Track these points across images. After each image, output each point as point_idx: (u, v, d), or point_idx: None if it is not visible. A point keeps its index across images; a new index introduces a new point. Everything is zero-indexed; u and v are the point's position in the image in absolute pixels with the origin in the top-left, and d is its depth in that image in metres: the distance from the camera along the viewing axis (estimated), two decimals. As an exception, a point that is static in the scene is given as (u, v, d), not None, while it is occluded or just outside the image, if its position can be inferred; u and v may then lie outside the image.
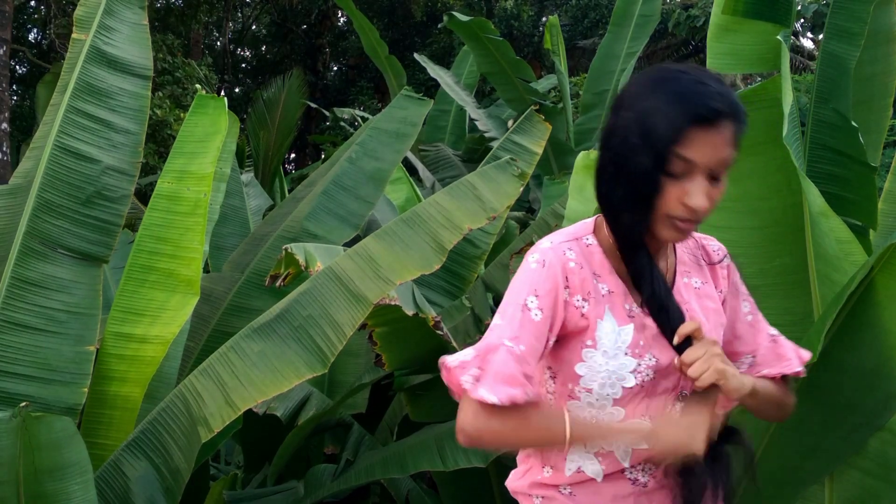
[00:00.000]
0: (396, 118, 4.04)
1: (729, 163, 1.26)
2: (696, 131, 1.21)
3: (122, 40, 3.07)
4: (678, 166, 1.23)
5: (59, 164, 2.79)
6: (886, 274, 1.79)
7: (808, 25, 12.15)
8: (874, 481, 2.05)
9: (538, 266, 1.35)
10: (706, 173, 1.24)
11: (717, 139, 1.23)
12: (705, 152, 1.22)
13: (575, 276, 1.34)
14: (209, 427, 2.37)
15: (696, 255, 1.47)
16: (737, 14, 2.19)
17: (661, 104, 1.23)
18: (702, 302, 1.42)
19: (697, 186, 1.23)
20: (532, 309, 1.32)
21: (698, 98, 1.22)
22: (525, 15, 16.65)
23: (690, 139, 1.21)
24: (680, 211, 1.25)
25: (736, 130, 1.25)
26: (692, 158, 1.22)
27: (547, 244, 1.38)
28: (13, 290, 2.61)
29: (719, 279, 1.46)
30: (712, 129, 1.22)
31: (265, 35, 21.84)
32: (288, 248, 2.77)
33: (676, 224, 1.27)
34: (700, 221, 1.28)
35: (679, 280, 1.42)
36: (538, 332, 1.32)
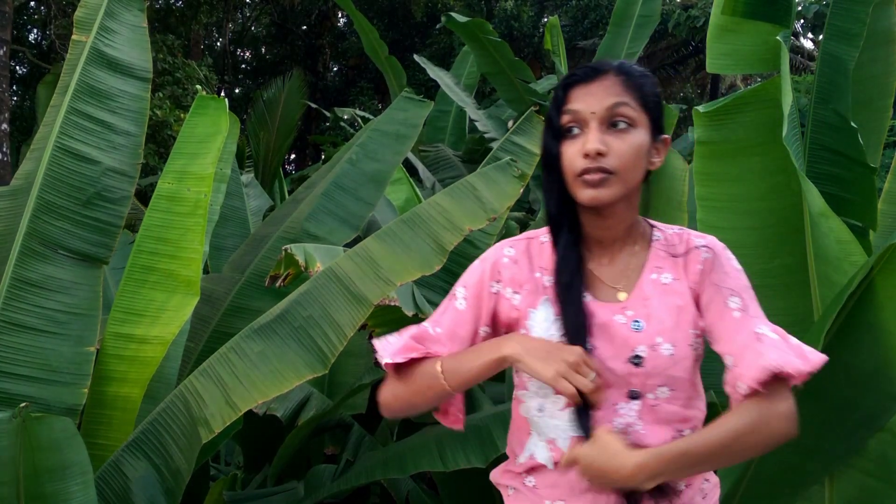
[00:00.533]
0: (397, 120, 4.04)
1: (617, 106, 1.33)
2: (575, 88, 1.35)
3: (122, 42, 3.07)
4: (567, 119, 1.34)
5: (59, 166, 2.79)
6: (886, 274, 1.79)
7: (808, 26, 12.16)
8: (874, 482, 2.05)
9: (477, 262, 1.48)
10: (599, 123, 1.33)
11: (596, 88, 1.33)
12: (587, 101, 1.33)
13: (507, 269, 1.43)
14: (209, 428, 2.38)
15: (676, 251, 1.42)
16: (736, 15, 2.19)
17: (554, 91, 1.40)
18: (666, 298, 1.37)
19: (591, 134, 1.32)
20: (458, 298, 1.45)
21: (574, 69, 1.39)
22: (525, 15, 16.65)
23: (573, 96, 1.34)
24: (581, 163, 1.32)
25: (622, 81, 1.34)
26: (576, 108, 1.34)
27: (497, 243, 1.49)
28: (14, 291, 2.61)
29: (690, 274, 1.39)
30: (592, 82, 1.34)
31: (265, 36, 21.85)
32: (287, 249, 2.77)
33: (586, 179, 1.32)
34: (610, 171, 1.31)
35: (646, 276, 1.40)
36: (460, 319, 1.43)
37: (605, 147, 1.30)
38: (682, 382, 1.36)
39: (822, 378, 1.97)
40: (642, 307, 1.37)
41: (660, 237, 1.44)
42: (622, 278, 1.40)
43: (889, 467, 2.02)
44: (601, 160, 1.30)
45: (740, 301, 1.37)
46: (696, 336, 1.38)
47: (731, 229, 2.19)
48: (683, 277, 1.40)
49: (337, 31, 20.25)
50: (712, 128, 2.12)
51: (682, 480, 1.37)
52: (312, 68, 19.23)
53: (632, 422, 1.35)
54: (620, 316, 1.37)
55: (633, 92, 1.34)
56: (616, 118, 1.32)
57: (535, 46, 16.32)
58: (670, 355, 1.34)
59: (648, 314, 1.36)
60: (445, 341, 1.42)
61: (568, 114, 1.34)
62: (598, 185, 1.31)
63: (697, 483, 1.40)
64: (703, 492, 1.41)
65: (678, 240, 1.43)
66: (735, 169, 2.15)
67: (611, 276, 1.41)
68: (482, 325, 1.43)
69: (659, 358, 1.34)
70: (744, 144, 2.12)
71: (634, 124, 1.33)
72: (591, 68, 1.35)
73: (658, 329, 1.35)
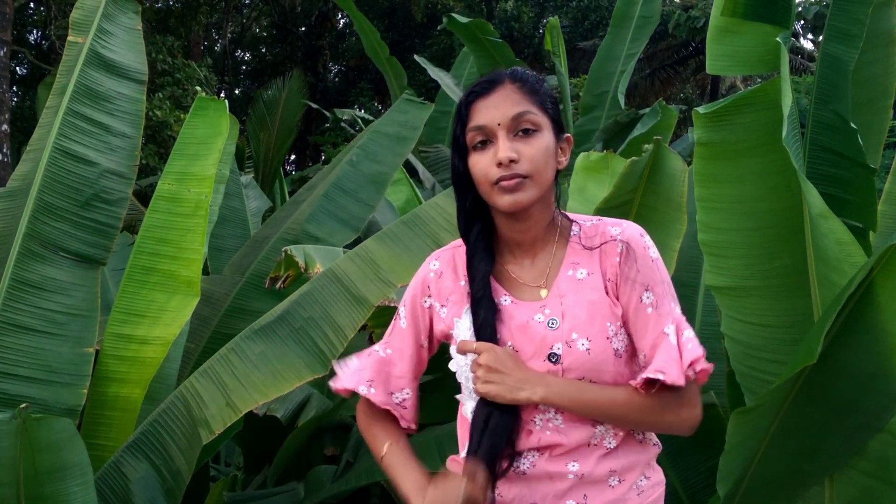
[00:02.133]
0: (397, 122, 4.05)
1: (521, 115, 1.37)
2: (475, 104, 1.39)
3: (118, 44, 3.08)
4: (476, 136, 1.38)
5: (57, 167, 2.79)
6: (886, 275, 1.79)
7: (808, 27, 12.17)
8: (874, 483, 2.05)
9: (412, 279, 1.55)
10: (507, 132, 1.37)
11: (495, 99, 1.38)
12: (491, 113, 1.37)
13: (434, 284, 1.50)
14: (210, 428, 2.38)
15: (592, 244, 1.44)
16: (736, 16, 2.19)
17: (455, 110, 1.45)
18: (581, 294, 1.40)
19: (501, 143, 1.36)
20: (401, 318, 1.53)
21: (472, 85, 1.43)
22: (525, 16, 16.66)
23: (474, 111, 1.39)
24: (496, 171, 1.36)
25: (519, 88, 1.39)
26: (481, 123, 1.38)
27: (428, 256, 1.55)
28: (13, 292, 2.61)
29: (606, 267, 1.41)
30: (489, 95, 1.39)
31: (265, 36, 21.86)
32: (287, 250, 2.77)
33: (503, 186, 1.36)
34: (524, 175, 1.35)
35: (563, 273, 1.42)
36: (404, 337, 1.52)
37: (516, 154, 1.35)
38: (605, 375, 1.38)
39: (822, 379, 1.98)
40: (558, 304, 1.40)
41: (577, 231, 1.47)
42: (542, 277, 1.44)
43: (889, 468, 2.02)
44: (514, 167, 1.35)
45: (653, 296, 1.39)
46: (619, 328, 1.40)
47: (731, 230, 2.19)
48: (598, 271, 1.42)
49: (337, 32, 20.26)
50: (712, 129, 2.12)
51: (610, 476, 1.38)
52: (312, 69, 19.24)
53: (550, 417, 1.38)
54: (539, 315, 1.40)
55: (531, 97, 1.39)
56: (521, 125, 1.37)
57: (535, 47, 16.34)
58: (586, 350, 1.37)
59: (564, 311, 1.39)
60: (397, 361, 1.52)
61: (474, 130, 1.38)
62: (515, 189, 1.36)
63: (632, 478, 1.40)
64: (639, 488, 1.41)
65: (594, 232, 1.45)
66: (735, 170, 2.15)
67: (532, 277, 1.44)
68: (422, 339, 1.52)
69: (575, 353, 1.37)
70: (744, 145, 2.12)
71: (539, 128, 1.38)
72: (488, 81, 1.40)
73: (572, 325, 1.38)
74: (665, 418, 1.36)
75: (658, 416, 1.36)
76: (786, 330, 2.18)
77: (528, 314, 1.40)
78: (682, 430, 1.39)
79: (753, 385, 2.25)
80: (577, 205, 2.84)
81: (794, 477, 2.19)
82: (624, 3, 7.77)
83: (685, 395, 1.35)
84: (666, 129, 5.88)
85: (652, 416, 1.36)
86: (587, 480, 1.37)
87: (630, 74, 7.85)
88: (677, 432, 1.40)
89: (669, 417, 1.36)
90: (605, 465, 1.38)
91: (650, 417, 1.36)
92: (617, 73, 7.64)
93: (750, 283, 2.20)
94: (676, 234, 2.49)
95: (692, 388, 1.37)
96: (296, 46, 19.97)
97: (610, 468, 1.39)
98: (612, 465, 1.39)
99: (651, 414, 1.36)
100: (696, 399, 1.38)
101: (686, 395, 1.36)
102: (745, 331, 2.24)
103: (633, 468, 1.41)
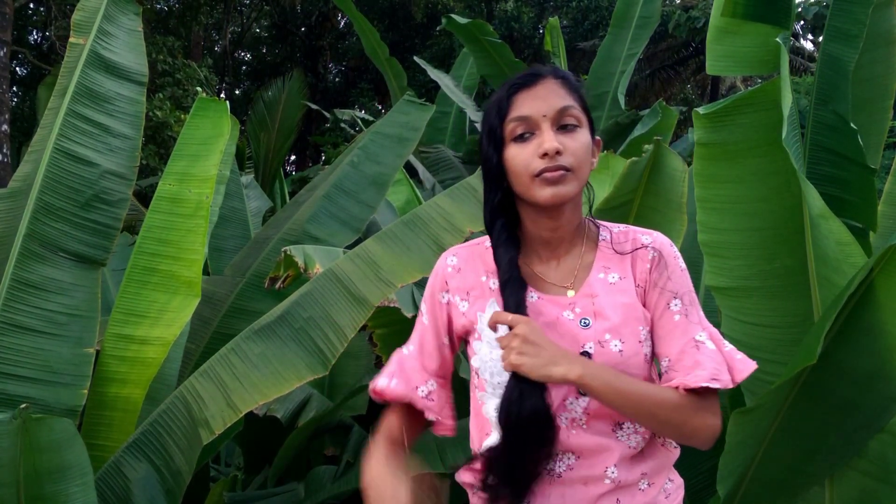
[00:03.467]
0: (398, 123, 4.05)
1: (567, 108, 1.36)
2: (518, 95, 1.37)
3: (119, 46, 3.08)
4: (518, 127, 1.36)
5: (58, 168, 2.79)
6: (886, 276, 1.79)
7: (808, 27, 12.17)
8: (874, 483, 2.05)
9: (430, 276, 1.53)
10: (550, 124, 1.35)
11: (541, 91, 1.37)
12: (533, 104, 1.36)
13: (452, 279, 1.48)
14: (210, 429, 2.38)
15: (623, 249, 1.44)
16: (736, 16, 2.20)
17: (492, 102, 1.42)
18: (613, 297, 1.39)
19: (546, 134, 1.35)
20: (423, 314, 1.52)
21: (513, 78, 1.41)
22: (525, 17, 16.67)
23: (517, 102, 1.37)
24: (539, 163, 1.34)
25: (562, 84, 1.39)
26: (525, 114, 1.36)
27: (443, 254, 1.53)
28: (13, 293, 2.61)
29: (637, 272, 1.41)
30: (533, 86, 1.37)
31: (265, 37, 21.86)
32: (287, 251, 2.77)
33: (546, 178, 1.34)
34: (568, 168, 1.34)
35: (594, 276, 1.42)
36: (426, 333, 1.50)
37: (561, 146, 1.34)
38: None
39: (822, 379, 1.98)
40: (590, 304, 1.39)
41: (606, 237, 1.46)
42: (570, 278, 1.43)
43: (889, 468, 2.02)
44: (559, 158, 1.34)
45: (681, 304, 1.39)
46: (648, 333, 1.39)
47: (731, 231, 2.19)
48: (630, 276, 1.41)
49: (337, 33, 20.27)
50: (712, 129, 2.12)
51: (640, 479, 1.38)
52: (313, 69, 19.25)
53: (576, 417, 1.37)
54: (569, 312, 1.39)
55: (574, 94, 1.39)
56: (565, 119, 1.36)
57: (535, 48, 16.34)
58: (619, 352, 1.36)
59: (596, 311, 1.38)
60: (419, 355, 1.50)
61: (516, 121, 1.37)
62: (558, 182, 1.34)
63: (660, 482, 1.41)
64: (667, 492, 1.42)
65: (624, 238, 1.45)
66: (735, 171, 2.15)
67: (559, 277, 1.43)
68: (443, 337, 1.49)
69: (608, 354, 1.35)
70: (744, 146, 2.12)
71: (581, 124, 1.38)
72: (532, 74, 1.39)
73: (606, 326, 1.37)
74: (694, 422, 1.32)
75: (688, 418, 1.32)
76: (786, 330, 2.18)
77: (557, 311, 1.39)
78: (705, 437, 1.35)
79: (753, 385, 2.25)
80: (577, 205, 2.84)
81: (794, 477, 2.18)
82: (624, 4, 7.77)
83: (714, 404, 1.34)
84: (666, 130, 5.88)
85: (683, 416, 1.31)
86: (622, 486, 1.36)
87: (630, 75, 7.85)
88: (698, 441, 1.35)
89: (697, 422, 1.32)
90: (638, 469, 1.38)
91: (680, 418, 1.32)
92: (617, 74, 7.64)
93: (750, 283, 2.20)
94: (676, 234, 2.49)
95: (716, 399, 1.35)
96: (296, 47, 19.98)
97: (641, 472, 1.38)
98: (643, 469, 1.38)
99: (683, 414, 1.31)
100: (718, 409, 1.36)
101: (714, 404, 1.34)
102: (745, 331, 2.24)
103: (660, 471, 1.41)
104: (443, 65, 14.57)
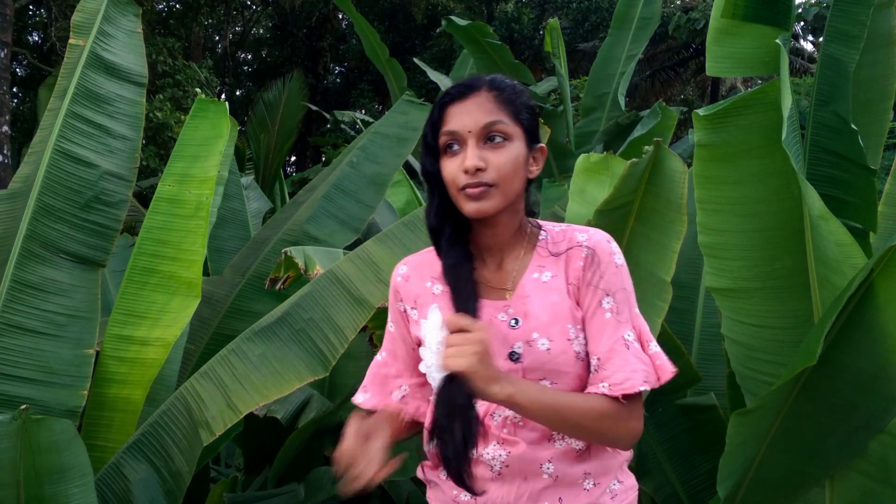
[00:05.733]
0: (398, 123, 4.05)
1: (493, 124, 1.37)
2: (450, 108, 1.40)
3: (118, 47, 3.08)
4: (447, 140, 1.40)
5: (58, 169, 2.79)
6: (886, 277, 1.79)
7: (808, 28, 12.18)
8: (875, 484, 2.05)
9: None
10: (476, 140, 1.38)
11: (469, 106, 1.38)
12: (461, 119, 1.38)
13: (403, 288, 1.53)
14: (210, 430, 2.38)
15: (558, 249, 1.46)
16: (736, 17, 2.20)
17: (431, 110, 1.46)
18: (543, 296, 1.41)
19: (469, 150, 1.37)
20: (390, 322, 1.58)
21: (448, 88, 1.44)
22: (525, 18, 16.68)
23: (448, 115, 1.40)
24: (463, 178, 1.37)
25: (495, 97, 1.39)
26: (452, 128, 1.39)
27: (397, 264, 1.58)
28: (13, 294, 2.61)
29: (570, 270, 1.43)
30: (464, 100, 1.39)
31: (266, 38, 21.87)
32: (287, 252, 2.77)
33: (468, 193, 1.37)
34: (489, 184, 1.36)
35: (528, 276, 1.44)
36: (394, 339, 1.57)
37: (483, 163, 1.36)
38: (565, 376, 1.39)
39: (822, 380, 1.98)
40: (521, 305, 1.42)
41: (545, 236, 1.49)
42: (509, 280, 1.46)
43: (889, 470, 2.02)
44: (480, 175, 1.36)
45: (613, 302, 1.40)
46: (580, 331, 1.41)
47: (732, 232, 2.19)
48: (562, 274, 1.44)
49: (337, 34, 20.28)
50: (712, 131, 2.12)
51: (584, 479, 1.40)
52: (313, 70, 19.26)
53: (510, 414, 1.40)
54: (503, 314, 1.42)
55: (506, 107, 1.39)
56: (491, 134, 1.37)
57: (535, 49, 16.36)
58: (546, 350, 1.38)
59: (526, 311, 1.41)
60: (391, 362, 1.57)
61: (446, 135, 1.39)
62: (480, 197, 1.37)
63: (606, 482, 1.43)
64: (613, 492, 1.43)
65: (562, 237, 1.47)
66: (735, 172, 2.15)
67: (499, 280, 1.46)
68: (411, 343, 1.53)
69: (535, 353, 1.38)
70: (744, 147, 2.12)
71: (510, 138, 1.38)
72: (465, 85, 1.41)
73: (534, 325, 1.39)
74: (617, 429, 1.35)
75: (613, 425, 1.35)
76: (786, 331, 2.18)
77: (492, 313, 1.42)
78: (627, 441, 1.39)
79: (754, 386, 2.25)
80: (577, 206, 2.84)
81: (794, 478, 2.18)
82: (624, 5, 7.78)
83: (638, 408, 1.37)
84: (666, 131, 5.88)
85: (608, 424, 1.34)
86: (562, 482, 1.39)
87: (630, 76, 7.85)
88: (620, 445, 1.41)
89: (621, 429, 1.36)
90: (580, 467, 1.41)
91: (606, 425, 1.34)
92: (617, 75, 7.65)
93: (750, 284, 2.20)
94: (676, 235, 2.49)
95: (640, 403, 1.39)
96: (296, 48, 19.99)
97: (584, 470, 1.41)
98: (586, 468, 1.41)
99: (608, 422, 1.34)
100: (641, 414, 1.39)
101: (638, 409, 1.37)
102: (745, 332, 2.24)
103: (606, 472, 1.43)
104: (443, 66, 14.57)
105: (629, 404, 1.35)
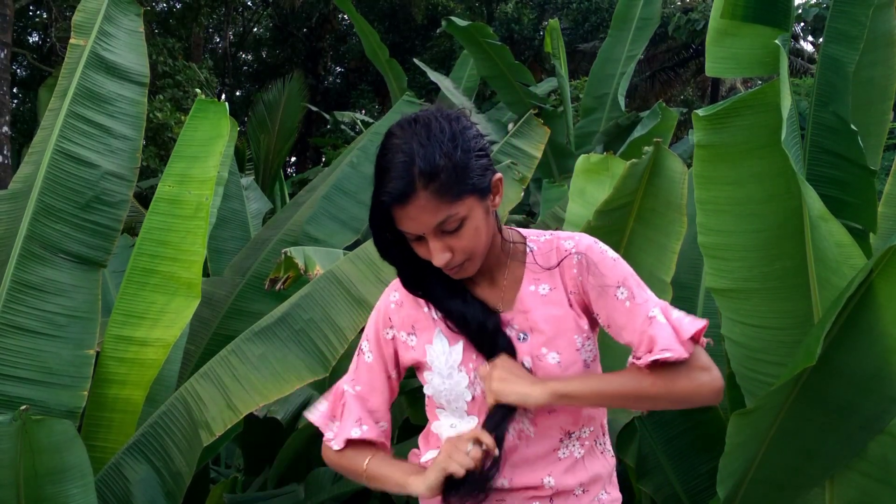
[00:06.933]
0: (397, 122, 4.04)
1: (443, 222, 1.30)
2: (395, 211, 1.30)
3: (119, 47, 3.08)
4: (404, 232, 1.33)
5: (59, 169, 2.79)
6: (885, 277, 1.79)
7: (808, 29, 12.18)
8: (875, 484, 2.05)
9: (372, 313, 1.55)
10: (434, 236, 1.32)
11: (413, 212, 1.28)
12: (411, 225, 1.31)
13: (396, 314, 1.50)
14: (210, 431, 2.38)
15: (550, 263, 1.45)
16: (736, 18, 2.19)
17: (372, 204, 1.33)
18: (545, 310, 1.42)
19: (433, 247, 1.33)
20: (365, 352, 1.53)
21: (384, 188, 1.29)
22: (526, 18, 16.69)
23: (397, 216, 1.30)
24: (439, 262, 1.34)
25: (432, 194, 1.27)
26: (408, 230, 1.32)
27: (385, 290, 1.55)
28: (13, 294, 2.61)
29: (567, 281, 1.43)
30: (405, 206, 1.28)
31: (266, 38, 21.88)
32: (287, 252, 2.77)
33: (447, 272, 1.38)
34: (463, 261, 1.35)
35: (525, 290, 1.44)
36: (372, 371, 1.51)
37: (449, 253, 1.33)
38: None
39: (822, 381, 1.98)
40: (524, 320, 1.42)
41: (533, 248, 1.47)
42: (505, 295, 1.45)
43: (889, 470, 2.02)
44: (452, 262, 1.34)
45: (626, 290, 1.40)
46: (586, 339, 1.43)
47: (731, 232, 2.19)
48: (560, 286, 1.43)
49: (338, 34, 20.29)
50: (712, 131, 2.12)
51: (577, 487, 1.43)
52: (313, 71, 19.27)
53: (523, 428, 1.42)
54: (508, 329, 1.42)
55: (448, 197, 1.28)
56: (446, 227, 1.31)
57: (535, 49, 16.37)
58: (557, 363, 1.39)
59: (530, 326, 1.41)
60: (369, 396, 1.51)
61: (404, 230, 1.33)
62: (459, 272, 1.38)
63: (595, 492, 1.46)
64: (600, 501, 1.46)
65: (549, 247, 1.46)
66: (735, 172, 2.15)
67: (492, 297, 1.46)
68: (391, 371, 1.52)
69: (546, 367, 1.39)
70: (743, 148, 2.11)
71: (464, 218, 1.32)
72: (400, 194, 1.27)
73: (541, 340, 1.40)
74: (678, 387, 1.33)
75: (672, 386, 1.33)
76: (786, 332, 2.18)
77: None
78: (704, 394, 1.35)
79: (753, 387, 2.26)
80: (577, 207, 2.84)
81: (794, 478, 2.18)
82: (624, 6, 7.78)
83: (693, 363, 1.34)
84: (666, 132, 5.89)
85: (665, 387, 1.33)
86: (559, 492, 1.42)
87: (630, 76, 7.86)
88: (700, 400, 1.36)
89: (683, 383, 1.33)
90: (577, 477, 1.43)
91: (664, 389, 1.33)
92: (617, 76, 7.65)
93: (750, 285, 2.20)
94: (676, 236, 2.49)
95: (701, 356, 1.36)
96: (296, 48, 20.00)
97: (580, 481, 1.43)
98: (581, 478, 1.43)
99: (663, 386, 1.33)
100: (708, 362, 1.36)
101: (694, 362, 1.34)
102: (745, 333, 2.24)
103: (596, 481, 1.46)
104: (443, 66, 14.58)
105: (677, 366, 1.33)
